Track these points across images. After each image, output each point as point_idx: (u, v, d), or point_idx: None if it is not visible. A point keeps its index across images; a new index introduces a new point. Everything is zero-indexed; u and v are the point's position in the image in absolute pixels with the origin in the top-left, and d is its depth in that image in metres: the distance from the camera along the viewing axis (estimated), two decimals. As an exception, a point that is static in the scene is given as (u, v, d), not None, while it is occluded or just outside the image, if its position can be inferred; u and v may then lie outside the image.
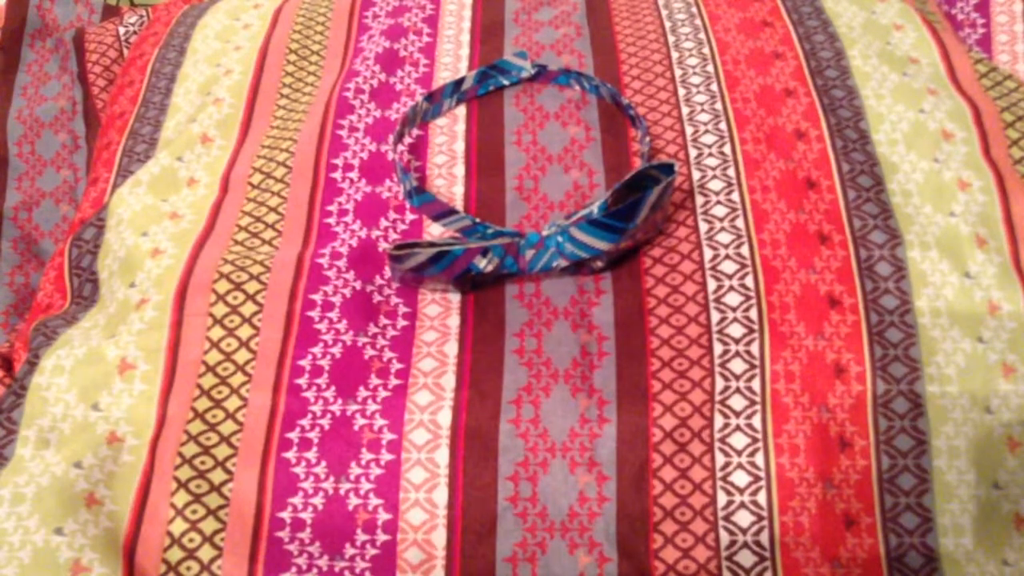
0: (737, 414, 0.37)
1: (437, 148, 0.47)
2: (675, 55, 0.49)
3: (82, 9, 0.67)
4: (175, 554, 0.35)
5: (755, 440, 0.36)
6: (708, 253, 0.40)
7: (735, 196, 0.42)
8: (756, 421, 0.36)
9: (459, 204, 0.44)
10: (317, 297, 0.40)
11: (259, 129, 0.49)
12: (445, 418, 0.37)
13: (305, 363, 0.38)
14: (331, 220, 0.43)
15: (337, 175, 0.45)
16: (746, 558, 0.35)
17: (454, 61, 0.51)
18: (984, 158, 0.43)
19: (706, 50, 0.49)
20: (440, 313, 0.40)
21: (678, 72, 0.48)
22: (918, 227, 0.41)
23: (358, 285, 0.41)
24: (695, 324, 0.39)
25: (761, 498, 0.35)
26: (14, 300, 0.57)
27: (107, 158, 0.51)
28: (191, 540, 0.35)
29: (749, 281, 0.39)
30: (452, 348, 0.39)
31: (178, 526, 0.35)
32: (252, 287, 0.40)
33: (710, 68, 0.48)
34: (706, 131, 0.45)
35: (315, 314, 0.40)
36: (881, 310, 0.38)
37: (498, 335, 0.39)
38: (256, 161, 0.46)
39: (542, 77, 0.49)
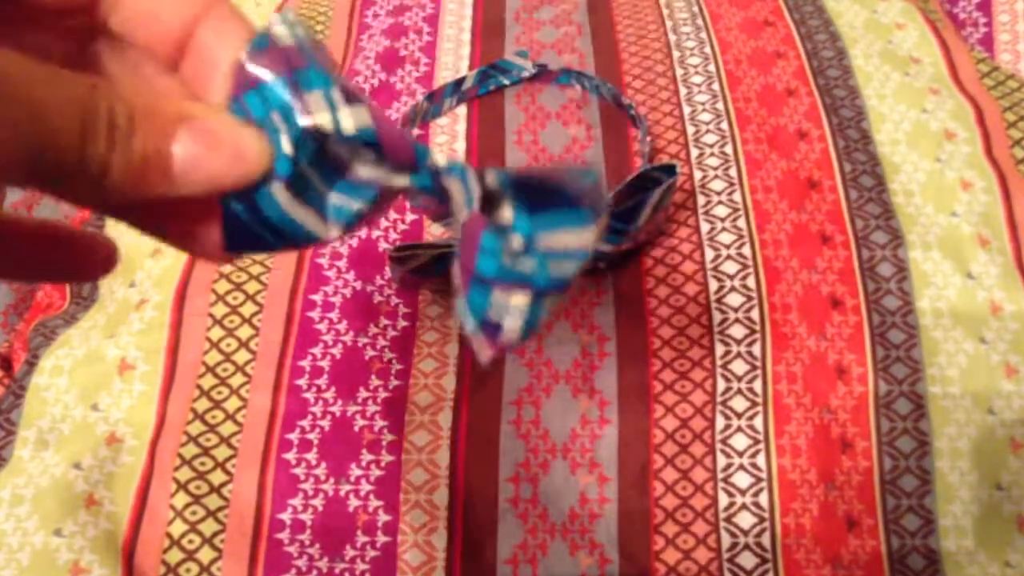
0: (739, 415, 0.36)
1: (438, 148, 0.46)
2: (676, 54, 0.49)
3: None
4: (174, 556, 0.35)
5: (756, 441, 0.36)
6: (710, 254, 0.40)
7: (737, 196, 0.42)
8: (758, 422, 0.36)
9: (460, 204, 0.44)
10: (317, 297, 0.40)
11: (259, 128, 0.48)
12: (446, 419, 0.37)
13: (305, 364, 0.38)
14: (331, 220, 0.43)
15: (337, 175, 0.45)
16: (747, 560, 0.34)
17: (455, 60, 0.51)
18: (986, 158, 0.43)
19: (708, 49, 0.49)
20: (441, 314, 0.40)
21: (679, 71, 0.48)
22: (920, 227, 0.40)
23: (358, 285, 0.41)
24: (696, 325, 0.38)
25: (763, 499, 0.35)
26: (13, 300, 0.56)
27: (106, 157, 0.51)
28: (191, 542, 0.35)
29: (751, 282, 0.39)
30: (453, 349, 0.39)
31: (177, 527, 0.35)
32: (252, 287, 0.40)
33: (711, 68, 0.48)
34: (708, 131, 0.45)
35: (315, 314, 0.40)
36: (883, 311, 0.38)
37: (499, 336, 0.39)
38: (256, 161, 0.46)
39: (543, 76, 0.49)
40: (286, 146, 0.17)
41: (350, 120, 0.17)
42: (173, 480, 0.36)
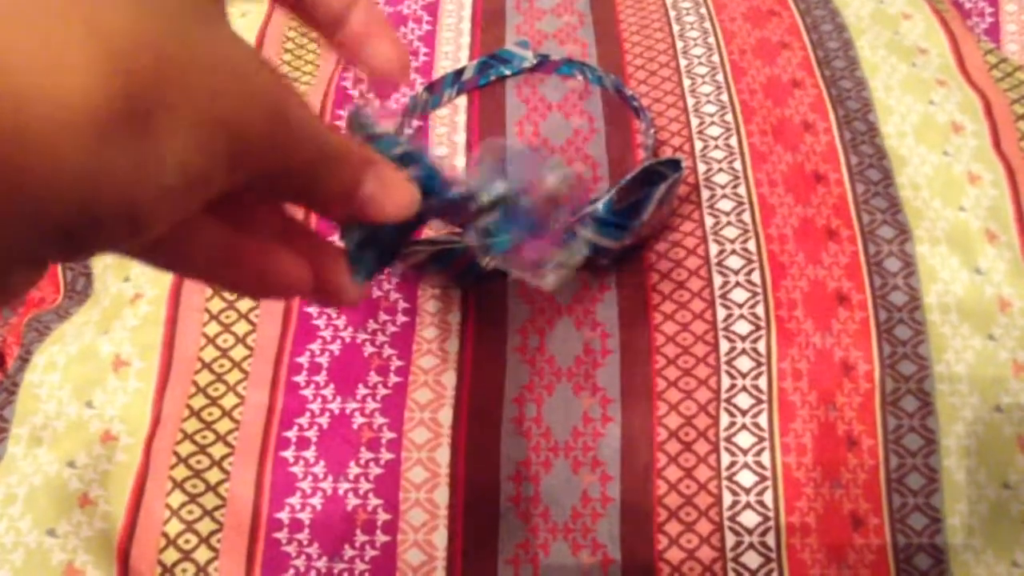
0: (743, 412, 0.36)
1: (437, 139, 0.46)
2: (680, 44, 0.48)
3: None
4: (171, 556, 0.34)
5: (761, 439, 0.35)
6: (714, 248, 0.40)
7: (741, 190, 0.41)
8: (763, 420, 0.36)
9: (460, 197, 0.43)
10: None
11: (255, 119, 0.48)
12: (446, 416, 0.36)
13: (303, 360, 0.38)
14: (329, 213, 0.42)
15: (335, 167, 0.44)
16: (752, 559, 0.34)
17: (454, 50, 0.50)
18: (995, 151, 0.43)
19: (711, 39, 0.48)
20: (441, 309, 0.39)
21: (683, 62, 0.47)
22: (927, 222, 0.40)
23: (357, 280, 0.40)
24: (701, 321, 0.38)
25: (767, 498, 0.35)
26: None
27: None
28: (187, 541, 0.34)
29: (756, 277, 0.39)
30: (453, 345, 0.38)
31: (173, 527, 0.35)
32: (249, 282, 0.39)
33: (715, 58, 0.47)
34: (712, 123, 0.44)
35: (313, 310, 0.39)
36: (890, 307, 0.37)
37: (500, 332, 0.39)
38: (252, 152, 0.45)
39: (544, 67, 0.48)
40: None
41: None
42: (169, 478, 0.35)
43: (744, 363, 0.37)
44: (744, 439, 0.35)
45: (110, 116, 0.13)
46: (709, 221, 0.40)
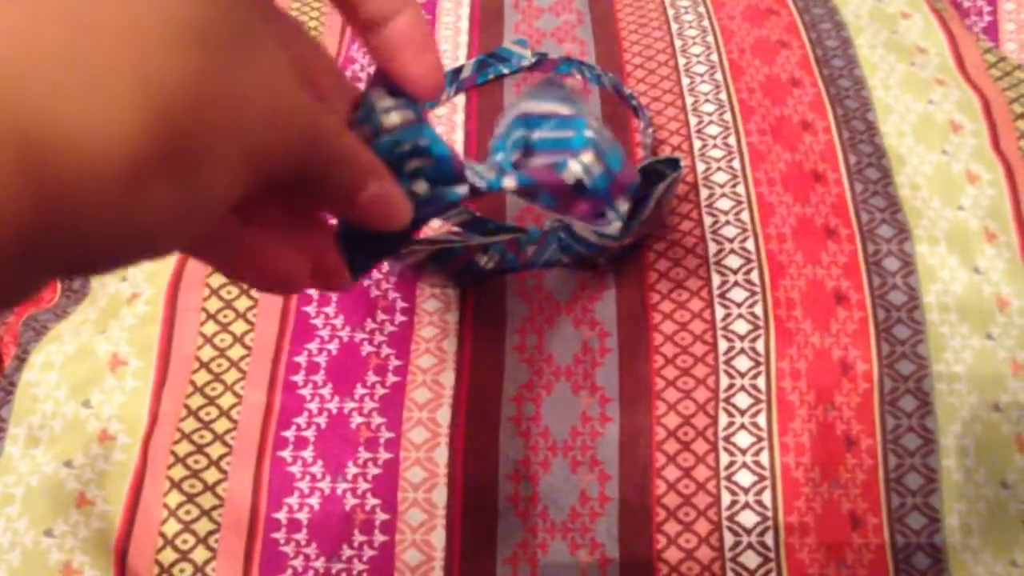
0: (742, 412, 0.36)
1: (435, 138, 0.46)
2: (679, 43, 0.48)
3: None
4: (168, 556, 0.34)
5: (760, 439, 0.35)
6: (713, 247, 0.40)
7: (740, 189, 0.41)
8: (761, 419, 0.36)
9: (458, 196, 0.43)
10: (313, 292, 0.39)
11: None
12: (444, 416, 0.36)
13: (301, 359, 0.38)
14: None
15: (333, 166, 0.44)
16: (750, 559, 0.34)
17: (452, 48, 0.50)
18: (993, 150, 0.43)
19: (710, 38, 0.48)
20: (439, 308, 0.39)
21: (681, 60, 0.47)
22: (927, 221, 0.40)
23: (355, 279, 0.40)
24: (699, 320, 0.38)
25: (766, 498, 0.35)
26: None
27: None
28: (184, 542, 0.34)
29: (755, 276, 0.39)
30: (451, 344, 0.38)
31: (171, 527, 0.35)
32: (246, 281, 0.39)
33: (714, 57, 0.47)
34: (710, 122, 0.44)
35: (311, 309, 0.39)
36: (889, 306, 0.37)
37: (498, 331, 0.38)
38: (250, 151, 0.45)
39: (543, 65, 0.48)
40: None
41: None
42: (166, 478, 0.35)
43: (743, 362, 0.37)
44: (743, 439, 0.35)
45: (150, 161, 0.14)
46: (708, 220, 0.40)
